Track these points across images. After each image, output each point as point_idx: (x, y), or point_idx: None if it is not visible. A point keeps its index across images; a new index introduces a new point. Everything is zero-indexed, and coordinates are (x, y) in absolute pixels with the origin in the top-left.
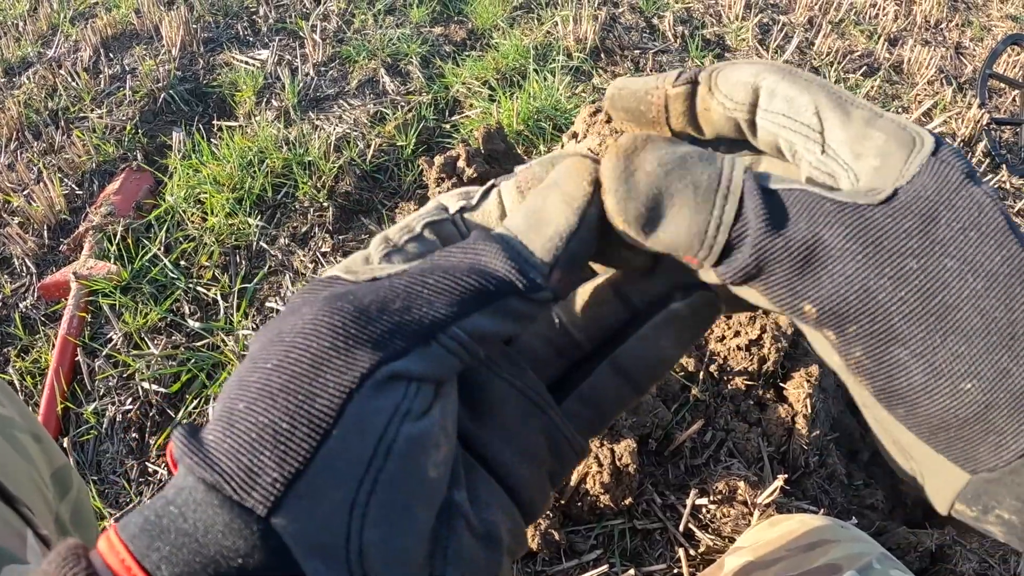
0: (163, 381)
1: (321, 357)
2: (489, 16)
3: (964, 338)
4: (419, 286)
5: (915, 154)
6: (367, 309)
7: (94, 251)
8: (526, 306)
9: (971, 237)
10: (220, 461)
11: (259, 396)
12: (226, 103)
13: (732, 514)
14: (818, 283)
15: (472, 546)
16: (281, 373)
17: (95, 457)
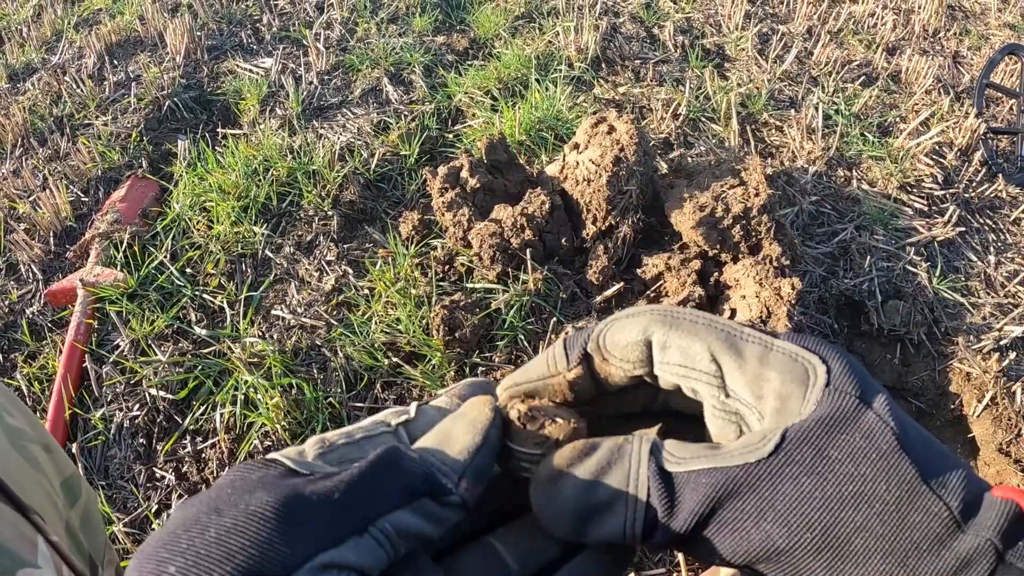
0: (170, 387)
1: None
2: (491, 26)
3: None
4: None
5: (810, 389)
6: (309, 499)
7: (100, 258)
8: (440, 509)
9: (861, 467)
10: None
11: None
12: (230, 111)
13: None
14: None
15: None
16: (220, 546)
17: (103, 462)
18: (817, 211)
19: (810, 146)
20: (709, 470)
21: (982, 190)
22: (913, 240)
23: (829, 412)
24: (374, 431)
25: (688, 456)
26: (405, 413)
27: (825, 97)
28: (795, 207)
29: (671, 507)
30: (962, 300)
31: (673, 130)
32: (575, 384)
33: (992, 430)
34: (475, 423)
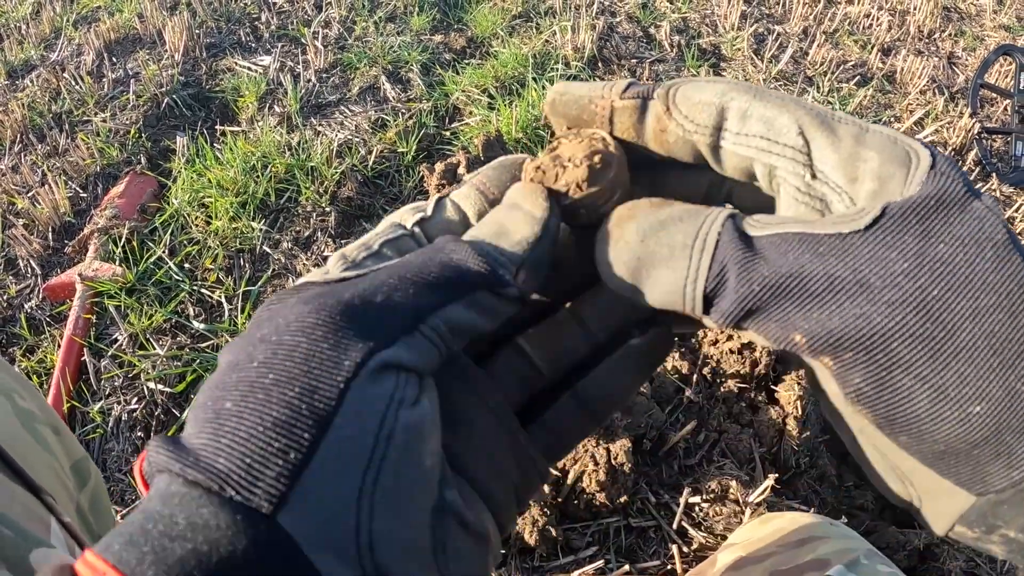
0: (168, 381)
1: (313, 351)
2: (488, 25)
3: (969, 359)
4: (396, 279)
5: (913, 172)
6: (351, 303)
7: (99, 253)
8: (495, 302)
9: (971, 253)
10: (214, 462)
11: (249, 392)
12: (229, 108)
13: (724, 512)
14: (805, 313)
15: (467, 544)
16: (271, 369)
17: (101, 456)
18: None
19: None
20: (798, 235)
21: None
22: None
23: (936, 193)
24: (393, 235)
25: (774, 222)
26: (421, 211)
27: (820, 97)
28: None
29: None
30: None
31: None
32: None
33: None
34: (532, 215)
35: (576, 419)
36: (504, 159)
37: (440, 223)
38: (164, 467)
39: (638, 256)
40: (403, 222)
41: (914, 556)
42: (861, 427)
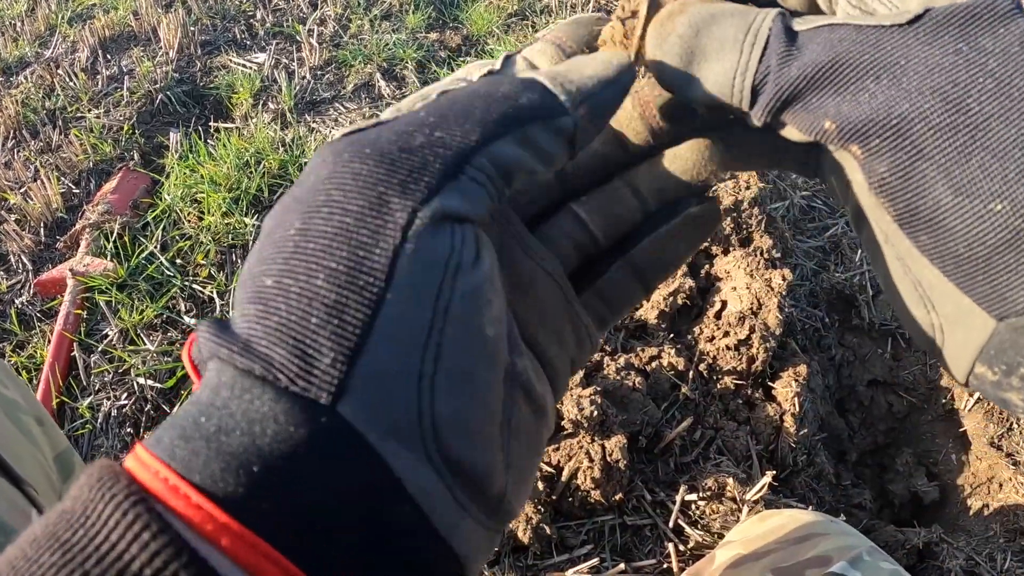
0: (158, 376)
1: (353, 211)
2: (484, 23)
3: (996, 155)
4: (436, 117)
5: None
6: (388, 151)
7: (91, 248)
8: (550, 139)
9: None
10: (266, 349)
11: (291, 266)
12: (223, 105)
13: (721, 510)
14: (838, 100)
15: (528, 418)
16: (309, 238)
17: (90, 451)
18: (808, 206)
19: None
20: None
21: None
22: None
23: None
24: (455, 85)
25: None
26: (489, 66)
27: None
28: (786, 201)
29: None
30: None
31: None
32: None
33: (984, 424)
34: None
35: (627, 287)
36: (580, 16)
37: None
38: (214, 353)
39: (691, 48)
40: (469, 76)
41: (913, 555)
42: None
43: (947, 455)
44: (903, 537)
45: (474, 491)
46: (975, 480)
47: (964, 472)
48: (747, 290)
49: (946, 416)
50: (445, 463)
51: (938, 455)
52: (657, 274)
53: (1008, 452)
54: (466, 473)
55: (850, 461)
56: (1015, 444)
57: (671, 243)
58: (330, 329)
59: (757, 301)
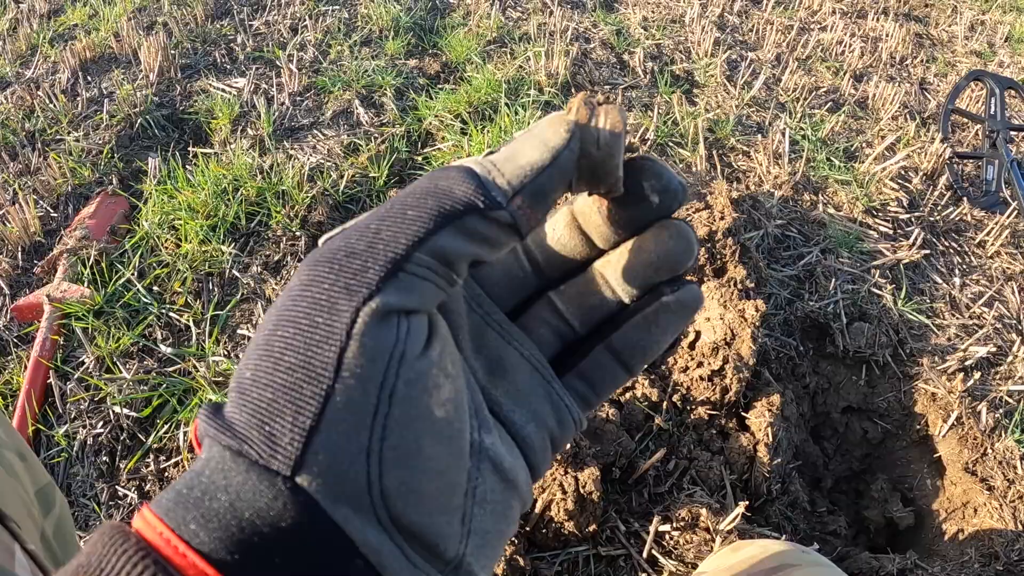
0: (134, 405)
1: (308, 313)
2: (463, 50)
3: None
4: (378, 220)
5: None
6: (336, 258)
7: (68, 274)
8: (488, 228)
9: None
10: (240, 428)
11: (261, 361)
12: (202, 130)
13: (695, 540)
14: None
15: (496, 488)
16: (275, 336)
17: (65, 480)
18: (783, 235)
19: (777, 170)
20: None
21: (947, 213)
22: (878, 263)
23: None
24: None
25: None
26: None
27: (792, 123)
28: (760, 230)
29: None
30: (927, 321)
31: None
32: None
33: (958, 449)
34: (546, 141)
35: (610, 369)
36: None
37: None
38: (206, 432)
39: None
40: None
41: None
42: None
43: (922, 481)
44: (878, 564)
45: (428, 552)
46: (950, 505)
47: (939, 497)
48: (721, 321)
49: (921, 442)
50: (395, 526)
51: (913, 481)
52: (638, 358)
53: (982, 477)
54: (417, 536)
55: (825, 488)
56: (989, 469)
57: (649, 330)
58: (289, 413)
59: (731, 332)
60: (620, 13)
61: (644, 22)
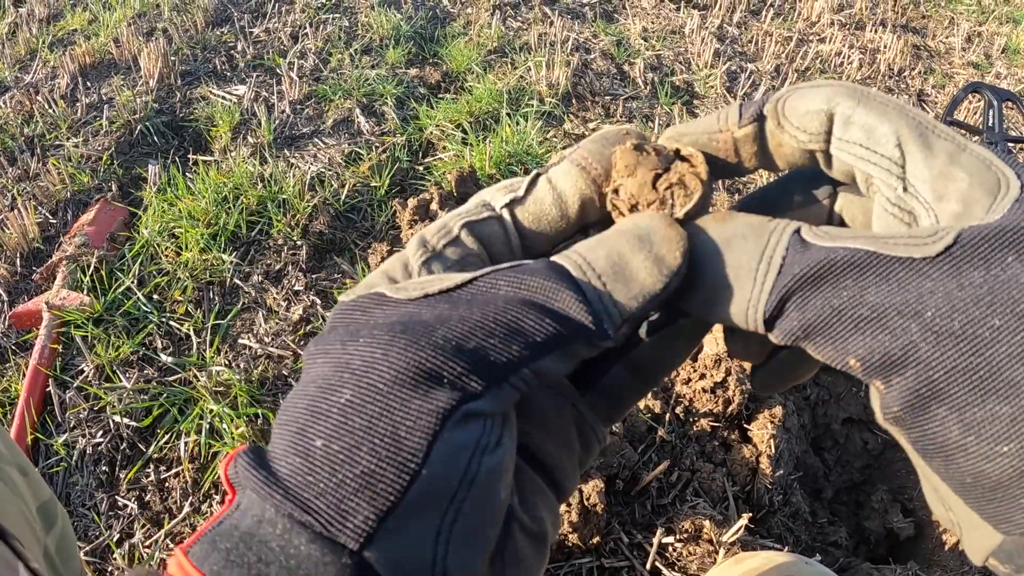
0: (134, 415)
1: (401, 398)
2: (464, 60)
3: (1006, 398)
4: (491, 321)
5: (999, 200)
6: (443, 347)
7: (67, 281)
8: (588, 350)
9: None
10: (309, 500)
11: (338, 434)
12: (202, 137)
13: (698, 552)
14: (862, 340)
15: (525, 546)
16: (359, 412)
17: (64, 489)
18: None
19: None
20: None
21: None
22: None
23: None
24: (477, 216)
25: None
26: (513, 191)
27: None
28: None
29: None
30: None
31: None
32: (742, 144)
33: None
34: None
35: (629, 385)
36: (606, 131)
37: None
38: (256, 490)
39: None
40: (492, 201)
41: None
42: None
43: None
44: (879, 575)
45: None
46: None
47: None
48: None
49: None
50: None
51: (913, 491)
52: (657, 373)
53: None
54: None
55: (826, 499)
56: None
57: (667, 348)
58: (367, 494)
59: None
60: (620, 24)
61: (644, 33)
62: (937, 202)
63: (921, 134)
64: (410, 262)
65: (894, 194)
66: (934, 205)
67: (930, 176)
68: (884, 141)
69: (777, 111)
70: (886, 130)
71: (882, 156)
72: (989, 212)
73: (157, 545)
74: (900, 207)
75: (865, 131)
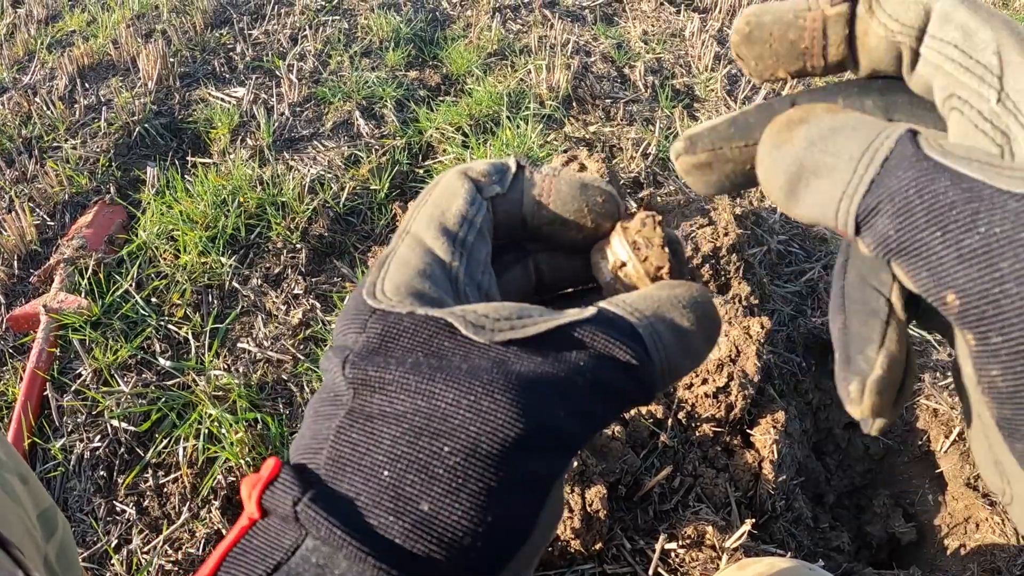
0: (132, 419)
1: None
2: (464, 62)
3: None
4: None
5: None
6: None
7: (65, 284)
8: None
9: None
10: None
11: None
12: (201, 140)
13: (701, 558)
14: (968, 274)
15: None
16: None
17: (62, 494)
18: (785, 250)
19: None
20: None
21: None
22: None
23: None
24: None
25: (959, 153)
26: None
27: None
28: (763, 246)
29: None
30: (928, 337)
31: (643, 169)
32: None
33: (960, 465)
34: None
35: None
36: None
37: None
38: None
39: (801, 162)
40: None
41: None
42: (982, 415)
43: (924, 496)
44: None
45: None
46: (952, 520)
47: (941, 513)
48: (726, 337)
49: (922, 457)
50: None
51: (915, 496)
52: None
53: (984, 493)
54: None
55: (828, 503)
56: None
57: None
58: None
59: (736, 349)
60: (620, 27)
61: (644, 36)
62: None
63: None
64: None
65: (987, 107)
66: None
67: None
68: (983, 46)
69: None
70: (986, 35)
71: (977, 62)
72: None
73: (155, 551)
74: (992, 123)
75: (964, 32)
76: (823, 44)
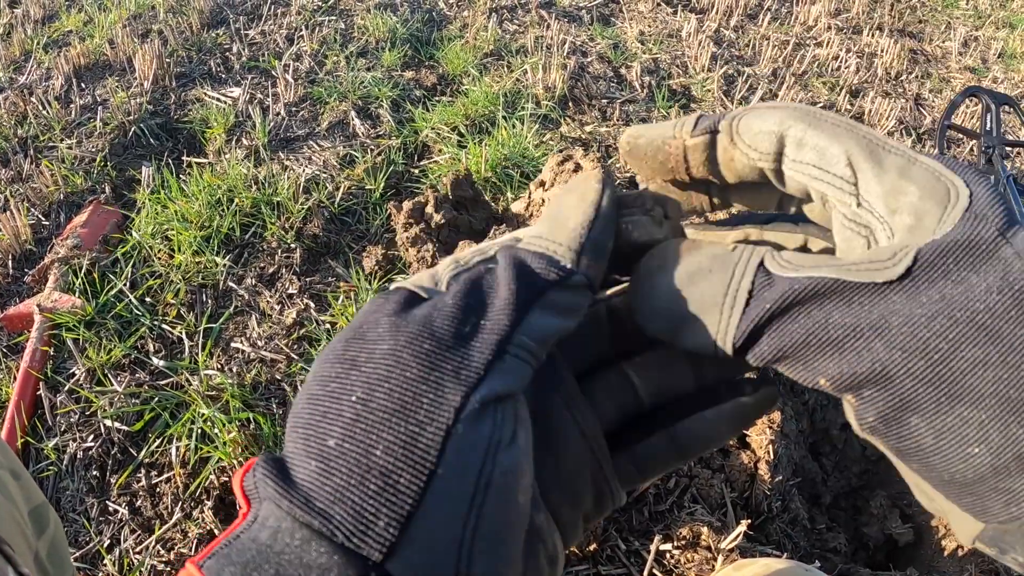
0: (126, 419)
1: (412, 392)
2: (460, 62)
3: (974, 404)
4: (475, 300)
5: (949, 210)
6: (444, 338)
7: (59, 284)
8: (569, 296)
9: (990, 302)
10: (327, 508)
11: (352, 433)
12: (196, 139)
13: (696, 559)
14: (830, 361)
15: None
16: (371, 410)
17: (54, 494)
18: None
19: None
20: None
21: None
22: None
23: (966, 237)
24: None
25: (808, 264)
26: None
27: None
28: None
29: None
30: None
31: None
32: (691, 153)
33: None
34: (584, 196)
35: (663, 455)
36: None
37: None
38: (274, 500)
39: (670, 310)
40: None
41: None
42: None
43: None
44: None
45: None
46: None
47: None
48: None
49: None
50: None
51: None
52: (696, 449)
53: None
54: None
55: (824, 504)
56: None
57: (715, 426)
58: (386, 497)
59: None
60: (617, 27)
61: (641, 36)
62: (891, 216)
63: (872, 151)
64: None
65: (849, 210)
66: (888, 219)
67: (882, 191)
68: (835, 161)
69: (732, 128)
70: (837, 151)
71: (834, 176)
72: (940, 223)
73: (148, 551)
74: (856, 222)
75: (817, 152)
76: (686, 165)
